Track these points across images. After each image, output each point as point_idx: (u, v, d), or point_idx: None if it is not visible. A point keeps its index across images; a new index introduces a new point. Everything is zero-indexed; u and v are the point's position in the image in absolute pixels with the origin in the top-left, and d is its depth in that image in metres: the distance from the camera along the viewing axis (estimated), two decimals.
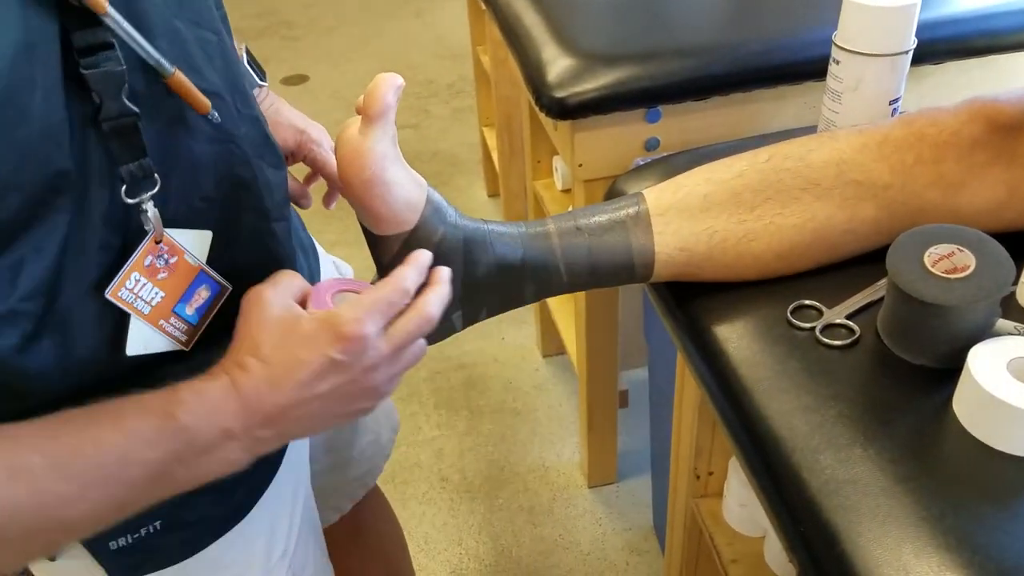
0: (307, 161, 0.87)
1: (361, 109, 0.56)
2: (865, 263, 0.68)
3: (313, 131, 0.86)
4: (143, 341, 0.55)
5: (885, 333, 0.62)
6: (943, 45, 1.09)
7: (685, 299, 0.71)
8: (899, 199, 0.65)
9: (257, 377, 0.53)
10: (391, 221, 0.59)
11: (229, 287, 0.60)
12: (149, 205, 0.52)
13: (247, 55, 0.82)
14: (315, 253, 0.83)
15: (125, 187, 0.51)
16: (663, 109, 1.10)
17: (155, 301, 0.55)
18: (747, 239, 0.66)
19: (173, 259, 0.56)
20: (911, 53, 0.75)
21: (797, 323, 0.65)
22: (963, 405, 0.55)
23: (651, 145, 1.13)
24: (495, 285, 0.65)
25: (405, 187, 0.58)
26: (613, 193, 0.86)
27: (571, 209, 0.70)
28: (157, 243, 0.54)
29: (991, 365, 0.54)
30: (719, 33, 1.14)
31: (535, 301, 0.68)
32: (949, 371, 0.58)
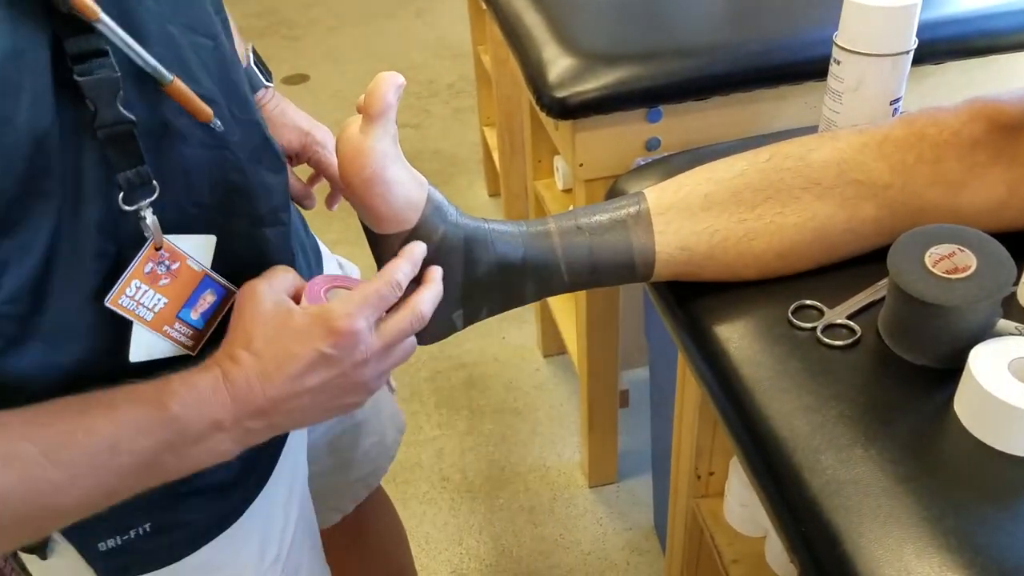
0: (311, 163, 0.87)
1: (362, 108, 0.56)
2: (866, 263, 0.68)
3: (318, 133, 0.86)
4: (147, 347, 0.55)
5: (886, 333, 0.62)
6: (944, 45, 1.09)
7: (686, 299, 0.71)
8: (900, 199, 0.65)
9: (248, 370, 0.53)
10: (392, 220, 0.59)
11: (236, 291, 0.60)
12: (148, 212, 0.52)
13: (253, 55, 0.82)
14: (317, 254, 0.83)
15: (122, 194, 0.51)
16: (664, 109, 1.10)
17: (158, 307, 0.55)
18: (748, 238, 0.66)
19: (175, 265, 0.56)
20: (912, 53, 0.75)
21: (798, 323, 0.65)
22: (964, 405, 0.55)
23: (652, 145, 1.13)
24: (496, 284, 0.65)
25: (406, 186, 0.58)
26: (614, 193, 0.86)
27: (572, 208, 0.70)
28: (157, 250, 0.54)
29: (992, 365, 0.54)
30: (720, 33, 1.14)
31: (536, 300, 0.68)
32: (950, 371, 0.58)
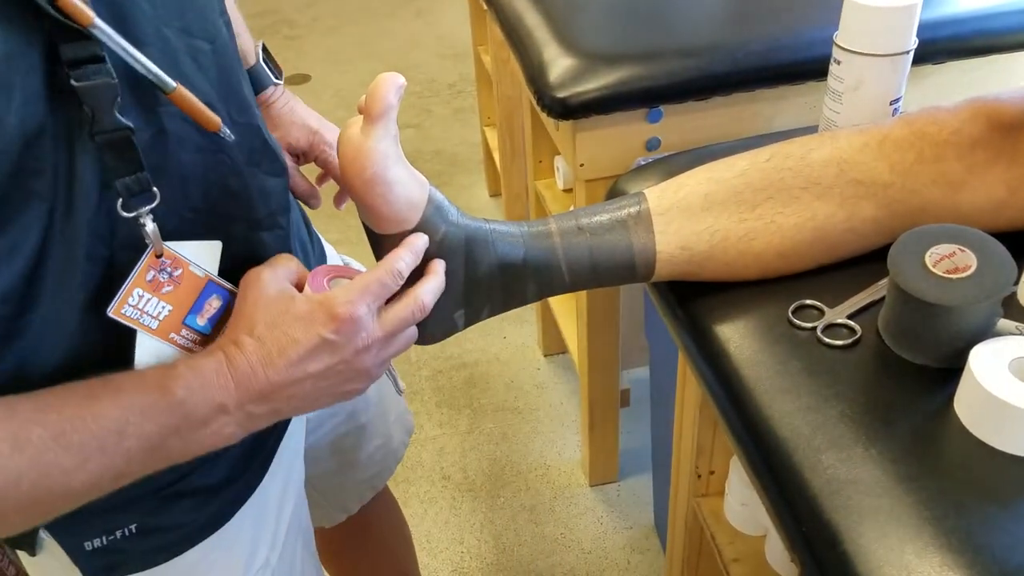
0: (318, 162, 0.87)
1: (363, 108, 0.56)
2: (866, 263, 0.68)
3: (326, 132, 0.86)
4: (154, 354, 0.56)
5: (886, 333, 0.62)
6: (944, 45, 1.09)
7: (686, 298, 0.71)
8: (899, 198, 0.65)
9: (251, 354, 0.54)
10: (393, 220, 0.59)
11: None
12: (148, 219, 0.52)
13: (263, 53, 0.82)
14: (322, 253, 0.83)
15: (121, 201, 0.51)
16: (664, 109, 1.10)
17: (163, 315, 0.55)
18: (748, 238, 0.66)
19: (177, 272, 0.55)
20: (912, 53, 0.75)
21: (798, 323, 0.65)
22: (964, 405, 0.55)
23: (652, 145, 1.13)
24: (497, 284, 0.65)
25: (407, 186, 0.58)
26: (614, 193, 0.86)
27: (572, 209, 0.70)
28: (158, 257, 0.54)
29: (992, 365, 0.54)
30: (720, 33, 1.14)
31: (537, 300, 0.68)
32: (950, 371, 0.58)
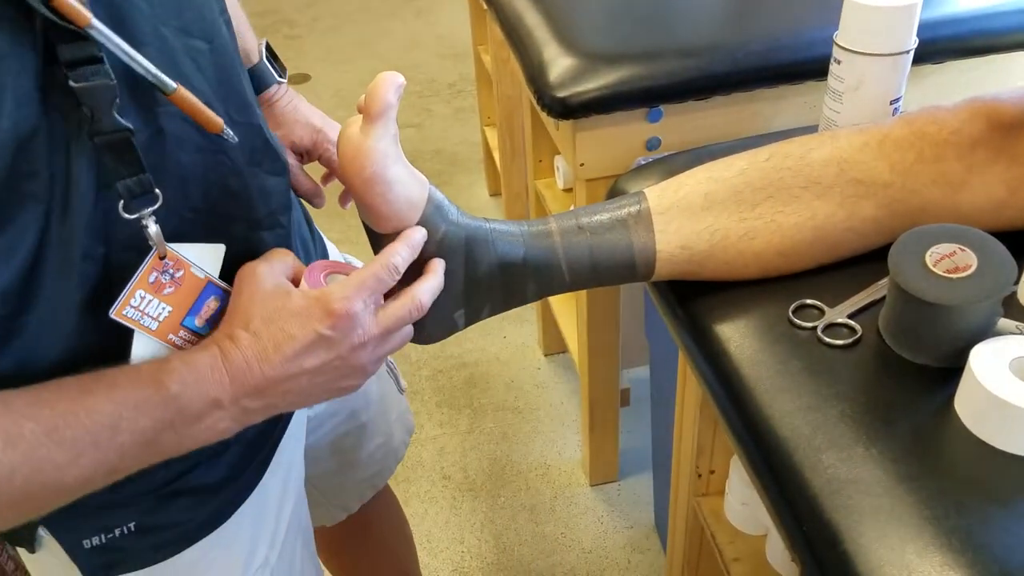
0: (322, 161, 0.87)
1: (362, 108, 0.56)
2: (866, 262, 0.68)
3: (330, 131, 0.85)
4: (150, 355, 0.55)
5: (887, 332, 0.62)
6: (944, 45, 1.09)
7: (686, 298, 0.71)
8: (899, 197, 0.65)
9: (246, 349, 0.54)
10: (392, 219, 0.59)
11: None
12: (150, 221, 0.52)
13: (266, 51, 0.82)
14: (323, 252, 0.83)
15: (123, 202, 0.51)
16: (664, 109, 1.10)
17: (162, 316, 0.55)
18: (748, 237, 0.66)
19: (179, 273, 0.55)
20: (912, 53, 0.75)
21: (799, 322, 0.65)
22: (965, 404, 0.55)
23: (652, 145, 1.13)
24: (497, 283, 0.65)
25: (406, 185, 0.58)
26: (614, 192, 0.86)
27: (572, 208, 0.70)
28: (161, 259, 0.54)
29: (993, 364, 0.54)
30: (720, 33, 1.14)
31: (537, 300, 0.68)
32: (951, 370, 0.58)
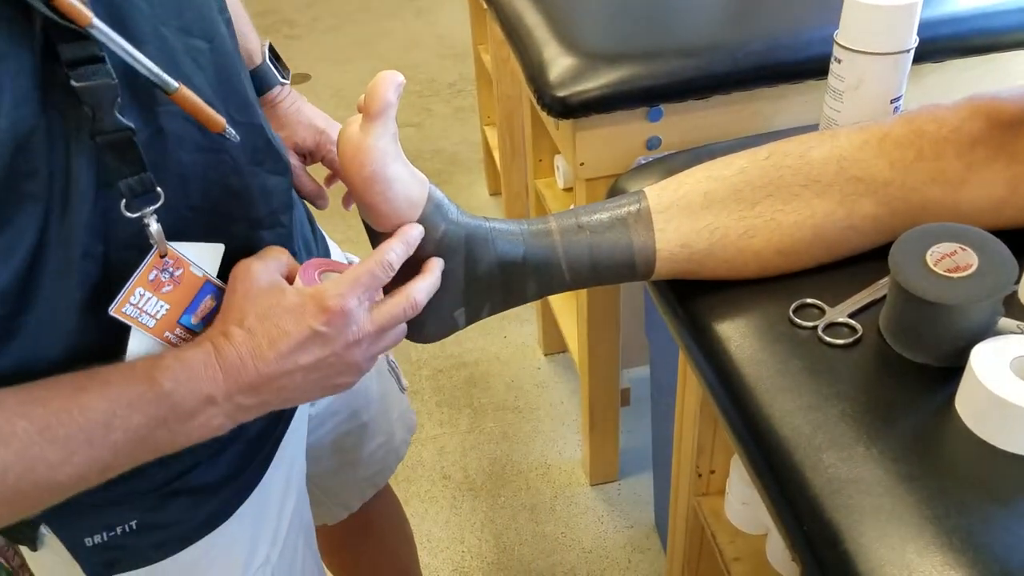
0: (325, 162, 0.87)
1: (362, 107, 0.56)
2: (867, 261, 0.68)
3: (333, 132, 0.85)
4: (146, 352, 0.55)
5: (887, 332, 0.62)
6: (944, 44, 1.09)
7: (687, 297, 0.71)
8: (899, 196, 0.65)
9: (240, 346, 0.54)
10: (392, 217, 0.59)
11: None
12: (152, 220, 0.52)
13: (269, 52, 0.82)
14: (325, 251, 0.83)
15: (124, 201, 0.51)
16: (664, 108, 1.10)
17: (160, 314, 0.55)
18: (748, 235, 0.66)
19: (178, 271, 0.55)
20: (912, 52, 0.75)
21: (799, 322, 0.65)
22: (966, 404, 0.55)
23: (652, 144, 1.13)
24: (497, 282, 0.65)
25: (406, 184, 0.58)
26: (614, 191, 0.86)
27: (572, 207, 0.69)
28: (162, 257, 0.54)
29: (993, 364, 0.54)
30: (720, 32, 1.14)
31: (537, 299, 0.68)
32: (952, 370, 0.58)
